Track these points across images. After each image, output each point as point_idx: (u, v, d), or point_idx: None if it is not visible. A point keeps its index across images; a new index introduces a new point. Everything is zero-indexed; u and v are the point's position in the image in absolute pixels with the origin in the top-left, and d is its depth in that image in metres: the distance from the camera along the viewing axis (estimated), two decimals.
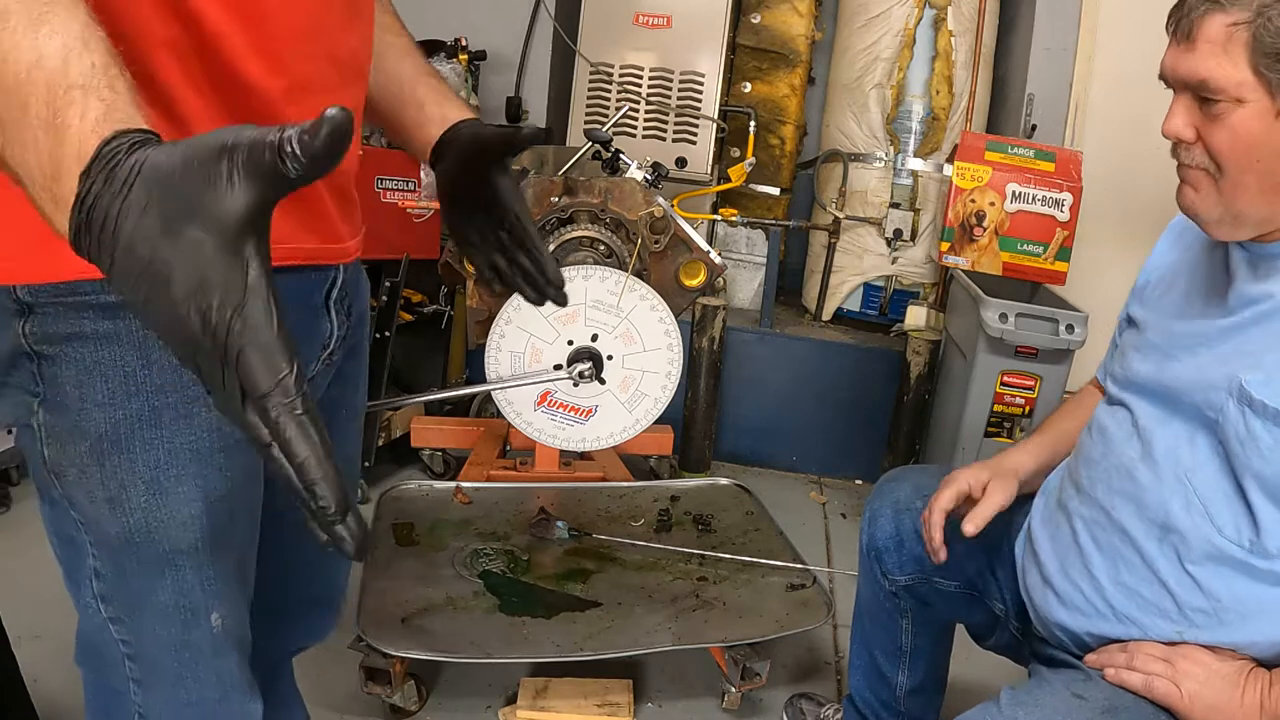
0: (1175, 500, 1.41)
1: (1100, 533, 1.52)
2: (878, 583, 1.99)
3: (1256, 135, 1.31)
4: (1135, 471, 1.48)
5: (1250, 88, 1.29)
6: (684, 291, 2.38)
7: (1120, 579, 1.47)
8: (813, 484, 3.97)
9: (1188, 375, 1.45)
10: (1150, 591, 1.43)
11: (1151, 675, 1.38)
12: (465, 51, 3.83)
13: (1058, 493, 1.66)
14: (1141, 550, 1.44)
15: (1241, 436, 1.33)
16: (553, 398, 2.25)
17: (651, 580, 2.51)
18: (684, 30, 3.90)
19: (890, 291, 4.11)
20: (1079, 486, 1.59)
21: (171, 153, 0.66)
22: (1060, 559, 1.58)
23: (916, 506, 1.90)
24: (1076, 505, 1.58)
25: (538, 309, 2.16)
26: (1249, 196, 1.35)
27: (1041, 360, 2.99)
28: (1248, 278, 1.41)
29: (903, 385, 3.63)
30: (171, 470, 1.07)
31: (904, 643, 2.03)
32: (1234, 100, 1.30)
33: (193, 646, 1.15)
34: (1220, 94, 1.31)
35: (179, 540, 1.10)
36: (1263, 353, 1.34)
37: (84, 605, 1.15)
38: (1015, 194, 3.44)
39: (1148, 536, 1.44)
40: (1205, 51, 1.32)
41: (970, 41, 3.94)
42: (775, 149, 4.22)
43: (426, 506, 2.79)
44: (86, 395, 1.02)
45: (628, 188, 2.27)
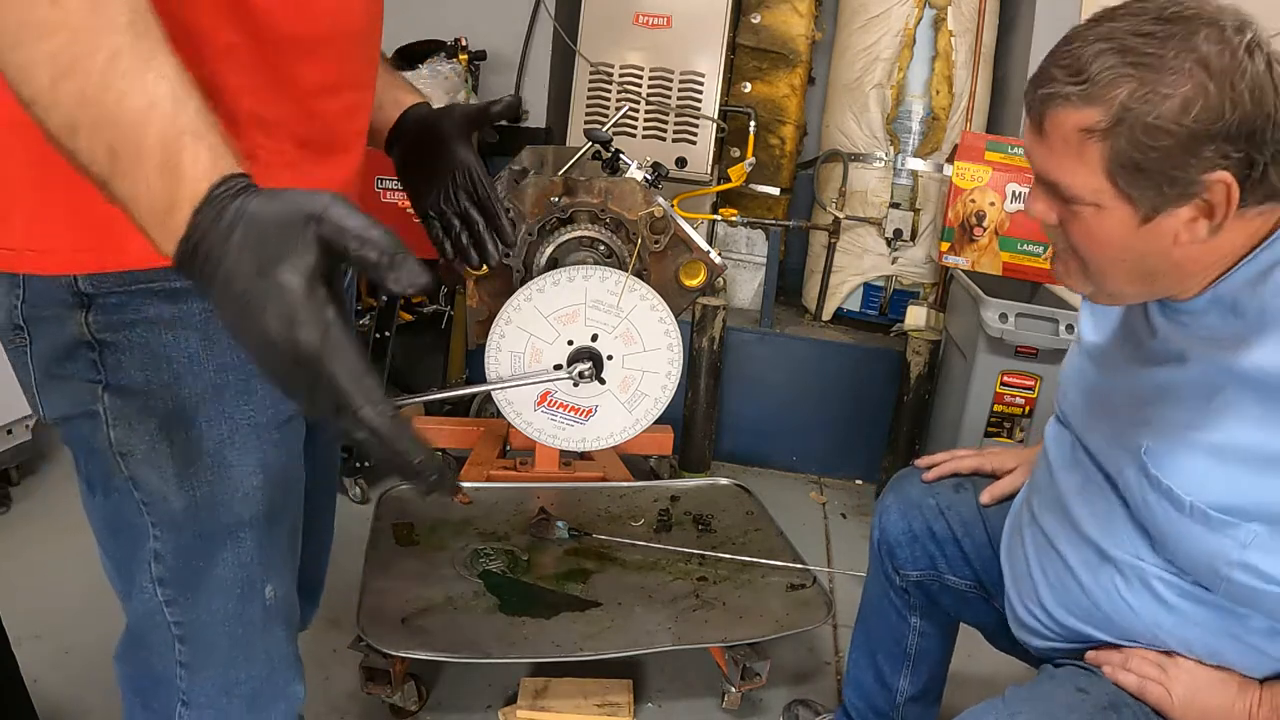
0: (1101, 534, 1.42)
1: (1046, 561, 1.53)
2: (888, 578, 2.00)
3: (1118, 240, 1.25)
4: (1071, 502, 1.49)
5: (1109, 196, 1.23)
6: (684, 291, 2.38)
7: (1065, 604, 1.49)
8: (813, 484, 3.97)
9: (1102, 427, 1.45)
10: (1092, 619, 1.45)
11: (1145, 679, 1.38)
12: (465, 51, 3.83)
13: (1016, 516, 1.67)
14: (1080, 581, 1.45)
15: (1139, 504, 1.34)
16: (553, 398, 2.25)
17: (651, 580, 2.51)
18: (684, 30, 3.90)
19: (890, 291, 4.11)
20: (1032, 512, 1.60)
21: (267, 204, 0.78)
22: (1017, 584, 1.61)
23: (929, 503, 1.92)
24: (1029, 531, 1.59)
25: (538, 310, 2.17)
26: (1120, 282, 1.32)
27: (1041, 360, 2.99)
28: (1165, 334, 1.37)
29: (903, 385, 3.63)
30: (234, 444, 1.14)
31: (910, 644, 2.02)
32: (1091, 204, 1.24)
33: (246, 620, 1.20)
34: (1075, 200, 1.25)
35: (241, 512, 1.16)
36: (1165, 420, 1.31)
37: (138, 591, 1.18)
38: (1015, 194, 3.45)
39: (1085, 566, 1.45)
40: (1058, 150, 1.24)
41: (970, 41, 3.94)
42: (775, 149, 4.22)
43: (426, 506, 2.79)
44: (153, 377, 1.08)
45: (628, 188, 2.27)
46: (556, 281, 2.17)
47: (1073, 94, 1.20)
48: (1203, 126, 1.15)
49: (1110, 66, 1.18)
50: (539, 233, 2.27)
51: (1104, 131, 1.18)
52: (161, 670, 1.21)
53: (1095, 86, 1.18)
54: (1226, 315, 1.28)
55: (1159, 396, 1.34)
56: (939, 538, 1.89)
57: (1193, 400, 1.28)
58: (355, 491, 3.38)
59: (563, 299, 2.18)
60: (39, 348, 1.10)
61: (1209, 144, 1.15)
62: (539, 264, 2.28)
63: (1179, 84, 1.15)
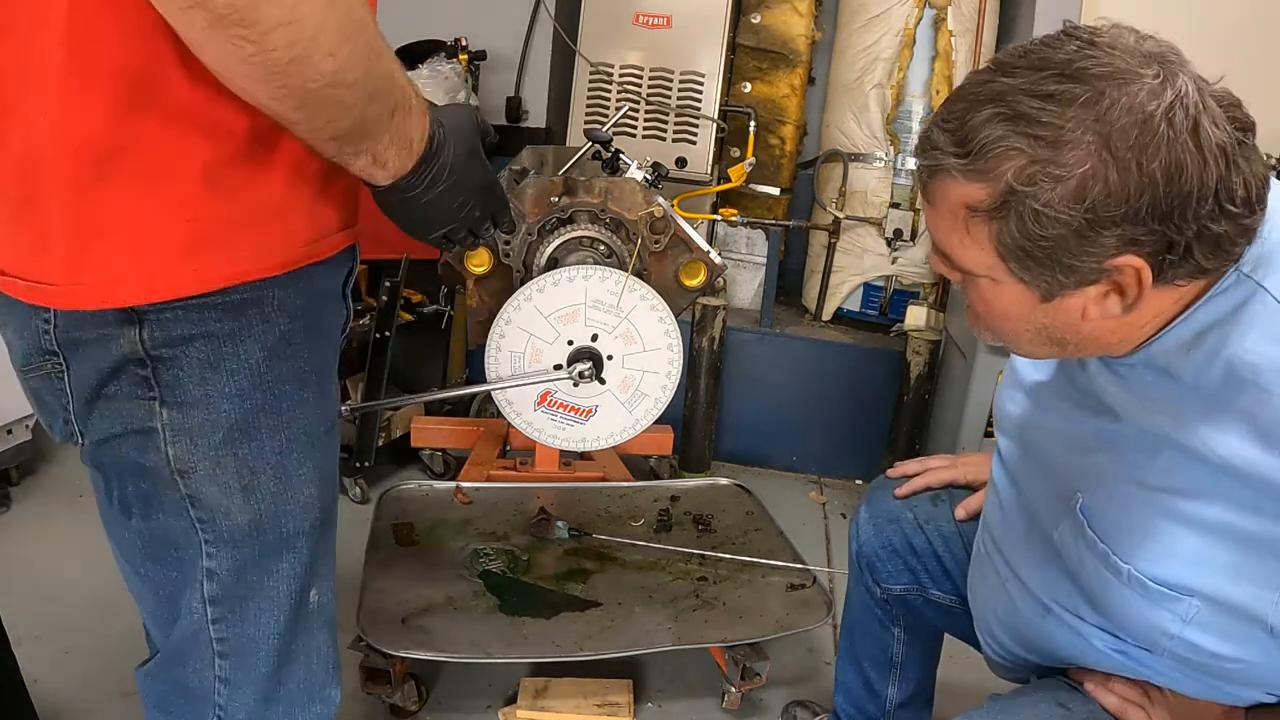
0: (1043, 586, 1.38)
1: (999, 604, 1.50)
2: (869, 591, 1.97)
3: (1019, 313, 1.16)
4: (1011, 550, 1.45)
5: (1002, 273, 1.12)
6: (684, 291, 2.38)
7: (1025, 644, 1.47)
8: (813, 484, 3.97)
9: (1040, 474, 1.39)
10: (1055, 659, 1.44)
11: (1127, 701, 1.35)
12: (465, 51, 3.83)
13: (980, 540, 1.61)
14: (1033, 626, 1.42)
15: (1073, 560, 1.28)
16: (553, 398, 2.25)
17: (651, 580, 2.51)
18: (684, 30, 3.89)
19: (890, 291, 4.11)
20: (986, 547, 1.55)
21: (457, 121, 1.21)
22: (980, 620, 1.59)
23: (908, 517, 1.88)
24: (986, 563, 1.54)
25: (538, 310, 2.17)
26: (1031, 346, 1.22)
27: None
28: (1102, 384, 1.28)
29: (903, 385, 3.63)
30: (293, 453, 1.17)
31: (895, 653, 2.01)
32: (985, 277, 1.14)
33: (291, 629, 1.23)
34: (970, 272, 1.16)
35: (302, 521, 1.20)
36: (1102, 475, 1.24)
37: (186, 613, 1.18)
38: None
39: (1034, 613, 1.41)
40: (946, 221, 1.14)
41: (970, 42, 3.94)
42: (775, 149, 4.22)
43: (426, 506, 2.79)
44: (213, 390, 1.10)
45: (628, 188, 2.27)
46: (556, 281, 2.17)
47: (954, 167, 1.07)
48: (1104, 212, 1.02)
49: (999, 138, 1.04)
50: (539, 233, 2.27)
51: (989, 212, 1.07)
52: (197, 686, 1.21)
53: (980, 160, 1.05)
54: (1162, 377, 1.17)
55: (1097, 446, 1.26)
56: (919, 552, 1.86)
57: (1132, 457, 1.20)
58: (355, 491, 3.38)
59: (563, 299, 2.18)
60: (79, 371, 1.08)
61: (1111, 229, 1.03)
62: (539, 264, 2.28)
63: (1076, 162, 1.01)
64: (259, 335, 1.10)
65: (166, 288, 1.03)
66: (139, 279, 1.02)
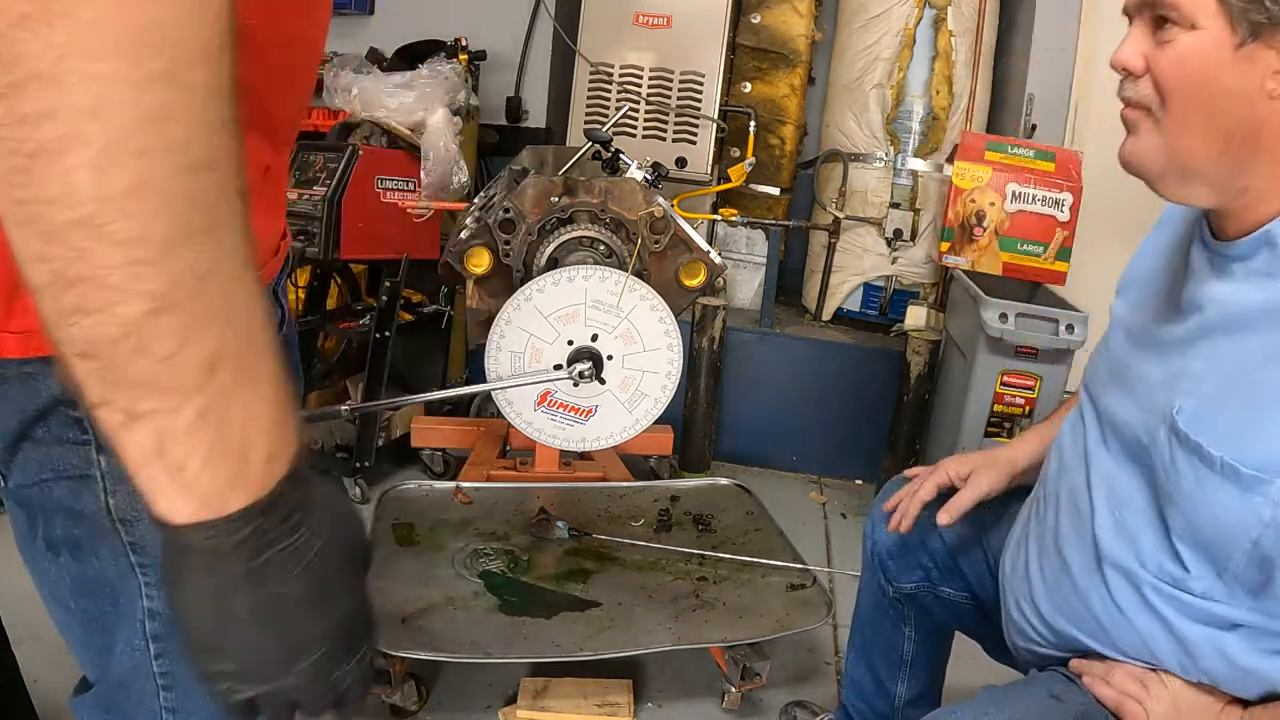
0: (1107, 532, 1.37)
1: (1046, 563, 1.49)
2: (880, 589, 1.98)
3: (1207, 67, 1.17)
4: (1079, 498, 1.44)
5: (1209, 14, 1.15)
6: (684, 291, 2.38)
7: (1060, 608, 1.45)
8: (813, 484, 3.97)
9: (1132, 396, 1.39)
10: (1084, 627, 1.41)
11: (1124, 695, 1.33)
12: (465, 51, 3.83)
13: (1028, 508, 1.62)
14: (1076, 583, 1.41)
15: (1166, 467, 1.26)
16: (553, 398, 2.25)
17: (651, 580, 2.51)
18: (684, 30, 3.90)
19: (890, 291, 4.11)
20: (1038, 510, 1.55)
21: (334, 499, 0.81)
22: (1014, 589, 1.57)
23: (922, 515, 1.85)
24: (1034, 528, 1.54)
25: (538, 310, 2.17)
26: (1192, 140, 1.21)
27: (1042, 360, 2.99)
28: (1204, 279, 1.31)
29: (903, 385, 3.63)
30: None
31: (905, 651, 2.01)
32: (1189, 25, 1.17)
33: None
34: (1176, 10, 1.17)
35: None
36: (1200, 376, 1.26)
37: (125, 649, 1.13)
38: (1015, 194, 3.44)
39: (1084, 569, 1.40)
40: None
41: (970, 41, 3.94)
42: (775, 149, 4.22)
43: (426, 506, 2.79)
44: None
45: (628, 188, 2.27)
46: (556, 281, 2.17)
47: None
48: None
49: None
50: (539, 233, 2.27)
51: None
52: (142, 717, 1.17)
53: None
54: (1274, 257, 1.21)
55: (1194, 349, 1.29)
56: (931, 550, 1.87)
57: (1230, 346, 1.23)
58: (355, 491, 3.38)
59: (563, 299, 2.18)
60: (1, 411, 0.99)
61: None
62: (539, 264, 2.28)
63: None
64: None
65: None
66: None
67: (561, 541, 2.65)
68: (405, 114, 3.45)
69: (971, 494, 1.71)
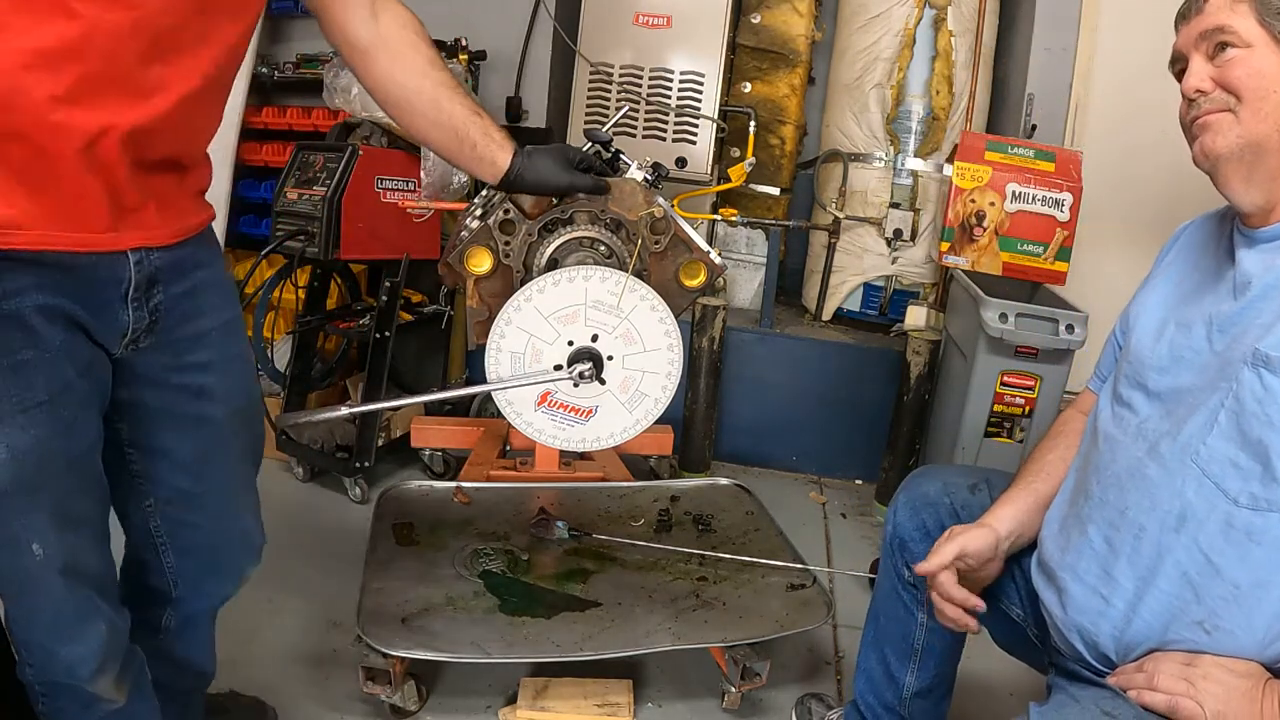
0: (1188, 485, 1.42)
1: (1115, 534, 1.52)
2: (898, 573, 2.01)
3: (1265, 70, 1.42)
4: (1145, 469, 1.49)
5: (1258, 37, 1.43)
6: (684, 292, 2.37)
7: (1141, 577, 1.47)
8: (813, 484, 3.97)
9: (1202, 364, 1.48)
10: (1171, 585, 1.43)
11: (1175, 695, 1.37)
12: (465, 51, 3.83)
13: (1068, 506, 1.66)
14: (1159, 545, 1.45)
15: (1260, 396, 1.36)
16: (553, 398, 2.24)
17: (651, 580, 2.51)
18: (684, 30, 3.90)
19: (890, 291, 4.11)
20: (1089, 495, 1.59)
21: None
22: (1076, 569, 1.57)
23: (944, 502, 1.93)
24: (1089, 512, 1.58)
25: (539, 310, 2.17)
26: (1265, 126, 1.43)
27: (1042, 360, 2.99)
28: (1250, 259, 1.48)
29: (903, 385, 3.63)
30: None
31: (917, 639, 2.02)
32: (1245, 45, 1.43)
33: (24, 570, 1.43)
34: (1233, 36, 1.43)
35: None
36: (1273, 322, 1.39)
37: None
38: (1015, 194, 3.45)
39: (1163, 529, 1.44)
40: (1216, 10, 1.46)
41: (970, 41, 3.94)
42: (775, 149, 4.22)
43: (427, 506, 2.79)
44: None
45: (628, 188, 2.26)
46: (556, 282, 2.16)
47: None
48: None
49: None
50: (539, 233, 2.27)
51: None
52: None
53: None
54: None
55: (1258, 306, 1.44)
56: None
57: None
58: (355, 492, 3.39)
59: (563, 299, 2.17)
60: None
61: None
62: (539, 264, 2.27)
63: None
64: None
65: None
66: None
67: (561, 541, 2.65)
68: None
69: (953, 546, 1.74)
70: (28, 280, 1.32)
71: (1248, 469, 1.37)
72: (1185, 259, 1.68)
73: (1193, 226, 1.72)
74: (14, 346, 1.33)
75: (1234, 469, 1.38)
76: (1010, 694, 2.52)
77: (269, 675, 2.38)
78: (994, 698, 2.52)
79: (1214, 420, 1.41)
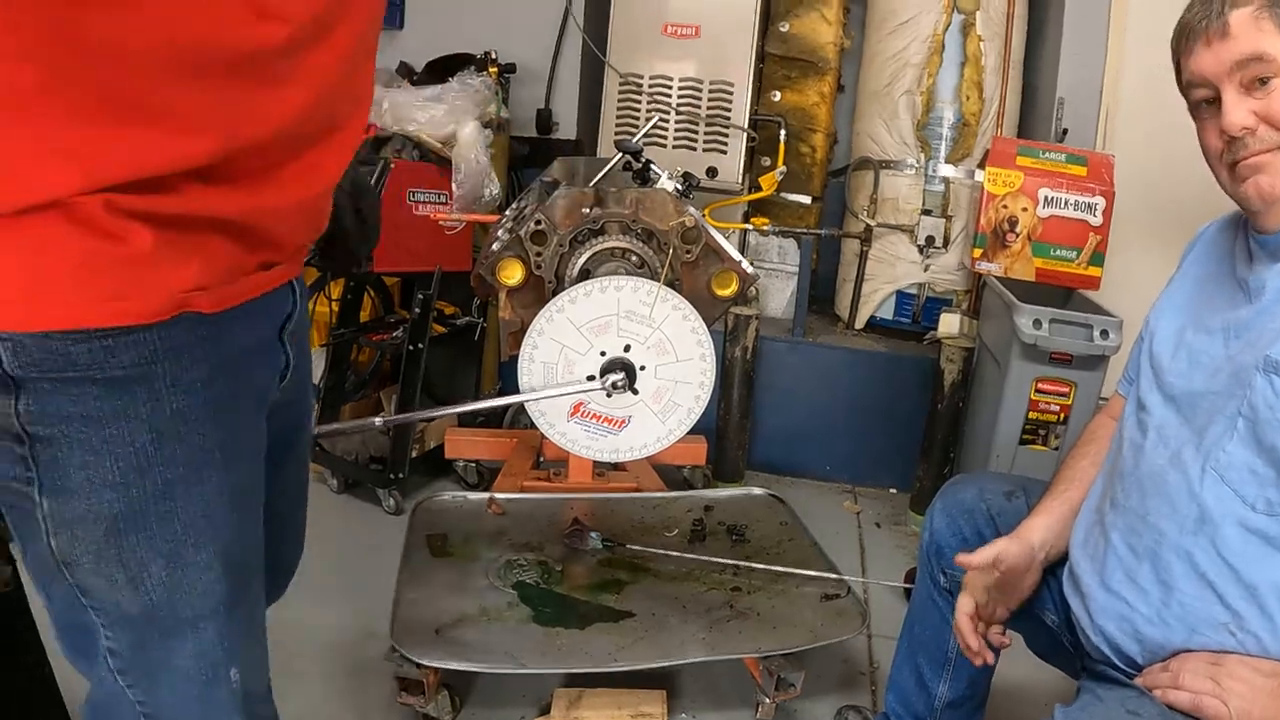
0: (1206, 490, 1.42)
1: (1136, 539, 1.52)
2: (934, 580, 2.00)
3: None
4: (1166, 474, 1.49)
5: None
6: (716, 301, 2.37)
7: (1163, 581, 1.47)
8: (846, 493, 3.95)
9: (1216, 368, 1.48)
10: (1193, 588, 1.43)
11: (1199, 694, 1.37)
12: (495, 64, 3.85)
13: (1095, 513, 1.66)
14: (1179, 549, 1.45)
15: (1272, 402, 1.36)
16: (586, 409, 2.25)
17: (685, 591, 2.50)
18: (713, 40, 3.90)
19: (923, 299, 4.09)
20: (1114, 501, 1.59)
21: None
22: (1100, 574, 1.58)
23: (981, 509, 1.92)
24: (1113, 519, 1.58)
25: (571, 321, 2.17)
26: None
27: (1076, 366, 2.96)
28: (1267, 265, 1.47)
29: (936, 393, 3.61)
30: (189, 540, 1.08)
31: (951, 648, 2.01)
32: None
33: (213, 703, 1.17)
34: (1272, 64, 1.37)
35: (201, 606, 1.12)
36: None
37: (99, 676, 1.14)
38: (1048, 199, 3.42)
39: (1183, 532, 1.44)
40: (1243, 31, 1.38)
41: (999, 46, 3.92)
42: (806, 157, 4.21)
43: (460, 517, 2.80)
44: (95, 476, 1.00)
45: (659, 198, 2.27)
46: (589, 293, 2.17)
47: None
48: None
49: None
50: (570, 244, 2.27)
51: (1267, 7, 1.37)
52: None
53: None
54: None
55: (1272, 311, 1.43)
56: (988, 542, 1.88)
57: None
58: (389, 503, 3.40)
59: (595, 310, 2.18)
60: None
61: None
62: (571, 275, 2.28)
63: None
64: (145, 416, 1.00)
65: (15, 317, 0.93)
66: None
67: (595, 552, 2.65)
68: (436, 127, 3.47)
69: (992, 550, 1.73)
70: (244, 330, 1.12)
71: (1264, 475, 1.38)
72: (1204, 262, 1.67)
73: (1213, 229, 1.70)
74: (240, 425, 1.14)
75: (1251, 475, 1.38)
76: (1046, 704, 2.49)
77: (304, 685, 2.39)
78: (1030, 705, 2.49)
79: (1233, 427, 1.41)
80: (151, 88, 0.92)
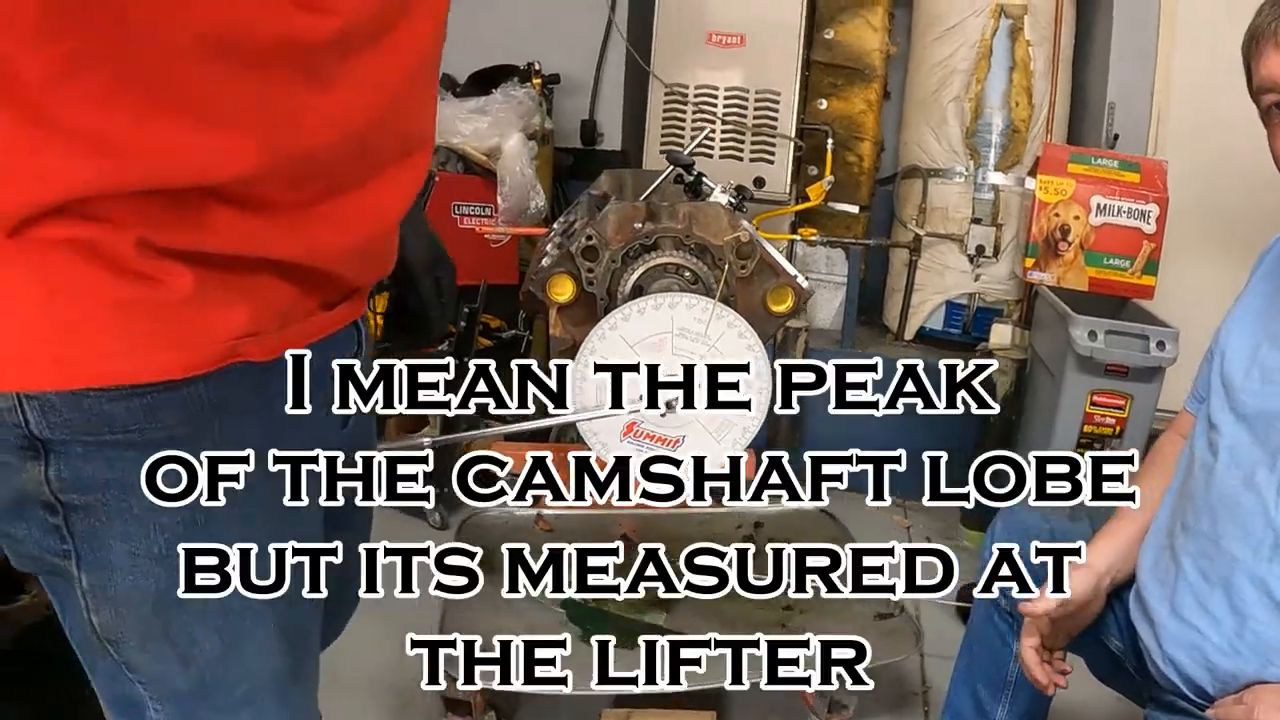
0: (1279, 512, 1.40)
1: (1209, 564, 1.49)
2: (994, 601, 1.97)
3: None
4: (1239, 497, 1.46)
5: None
6: (772, 317, 2.34)
7: (1236, 609, 1.44)
8: (897, 508, 3.91)
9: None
10: (1268, 617, 1.40)
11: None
12: (538, 76, 3.85)
13: (1164, 536, 1.62)
14: (1253, 576, 1.42)
15: None
16: (639, 428, 2.22)
17: (735, 609, 2.47)
18: (758, 48, 3.87)
19: (973, 309, 4.04)
20: (1185, 525, 1.56)
21: None
22: (1171, 601, 1.54)
23: (1044, 529, 1.89)
24: (1184, 543, 1.55)
25: (624, 338, 2.14)
26: None
27: (1132, 379, 2.91)
28: None
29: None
30: (247, 613, 0.99)
31: (1010, 671, 1.97)
32: None
33: None
34: None
35: (258, 679, 1.03)
36: None
37: None
38: (1100, 206, 3.36)
39: (1257, 558, 1.42)
40: None
41: (1048, 51, 3.87)
42: (853, 166, 4.18)
43: (507, 533, 2.78)
44: (139, 549, 0.91)
45: (712, 212, 2.24)
46: (642, 310, 2.14)
47: None
48: None
49: None
50: (623, 260, 2.25)
51: None
52: None
53: None
54: None
55: None
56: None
57: None
58: (435, 518, 3.39)
59: (649, 327, 2.15)
60: None
61: None
62: (623, 292, 2.25)
63: None
64: None
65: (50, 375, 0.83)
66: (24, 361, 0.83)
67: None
68: (480, 139, 3.47)
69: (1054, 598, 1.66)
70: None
71: None
72: (1275, 276, 1.63)
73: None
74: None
75: None
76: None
77: (349, 704, 2.38)
78: None
79: None
80: (175, 70, 0.80)
